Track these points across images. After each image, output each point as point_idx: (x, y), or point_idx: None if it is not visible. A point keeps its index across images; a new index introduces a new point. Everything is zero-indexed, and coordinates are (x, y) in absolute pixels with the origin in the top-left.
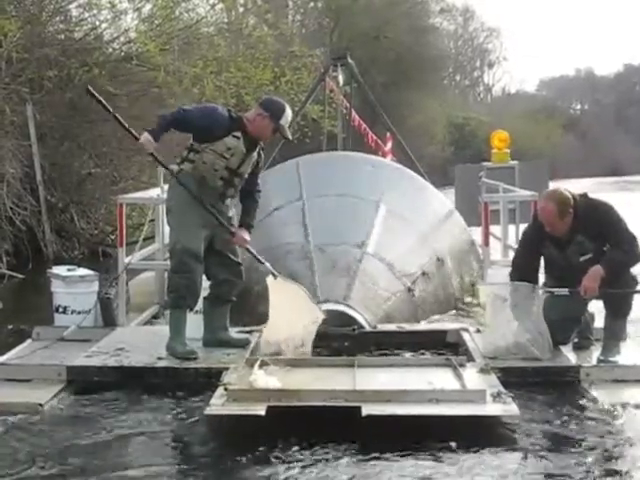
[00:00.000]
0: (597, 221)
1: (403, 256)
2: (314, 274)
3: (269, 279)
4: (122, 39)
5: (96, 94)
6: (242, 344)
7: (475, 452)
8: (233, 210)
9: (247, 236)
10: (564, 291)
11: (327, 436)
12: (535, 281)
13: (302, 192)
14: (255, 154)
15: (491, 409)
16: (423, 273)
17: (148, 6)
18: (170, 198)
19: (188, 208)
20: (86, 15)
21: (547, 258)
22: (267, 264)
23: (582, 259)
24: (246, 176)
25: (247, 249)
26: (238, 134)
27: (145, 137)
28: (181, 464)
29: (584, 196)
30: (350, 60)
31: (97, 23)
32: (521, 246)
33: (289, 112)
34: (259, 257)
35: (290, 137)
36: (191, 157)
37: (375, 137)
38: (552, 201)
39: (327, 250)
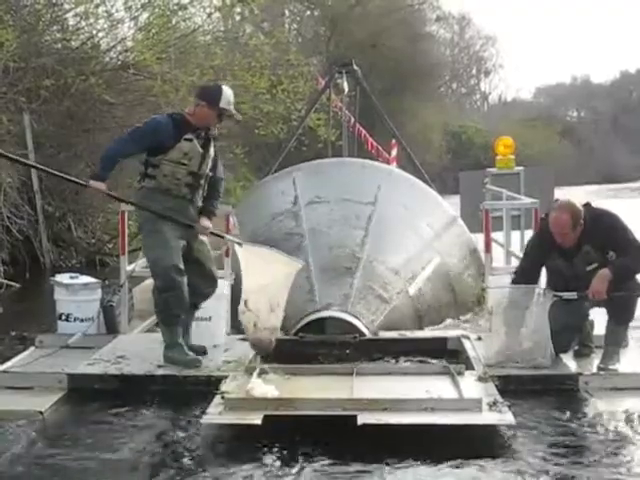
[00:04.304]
0: (603, 230)
1: (405, 263)
2: (312, 279)
3: (237, 247)
4: (119, 48)
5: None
6: (203, 350)
7: (470, 461)
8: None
9: (208, 223)
10: (572, 295)
11: (326, 443)
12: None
13: (298, 198)
14: (212, 149)
15: (487, 418)
16: (426, 280)
17: (145, 15)
18: (140, 216)
19: (160, 225)
20: (83, 24)
21: (552, 269)
22: (228, 236)
23: (588, 269)
24: (209, 173)
25: (212, 233)
26: (190, 136)
27: (92, 183)
28: (179, 472)
29: (587, 205)
30: (356, 67)
31: (94, 32)
32: (526, 255)
33: (227, 92)
34: (221, 234)
35: (239, 117)
36: (150, 172)
37: (375, 143)
38: (566, 212)
39: (326, 255)
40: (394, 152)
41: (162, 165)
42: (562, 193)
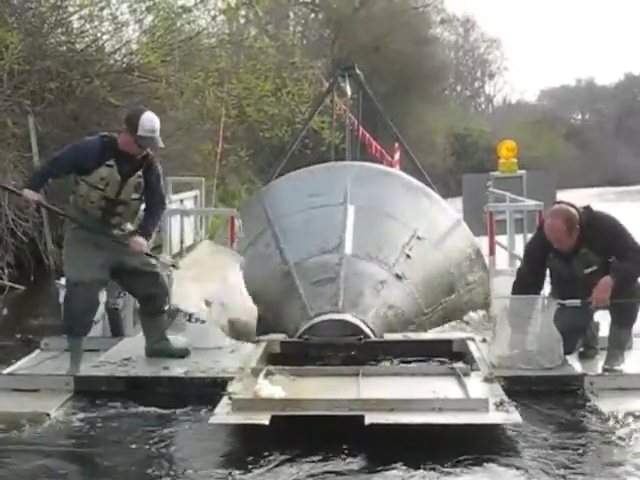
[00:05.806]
0: (602, 234)
1: (382, 246)
2: (299, 290)
3: (174, 271)
4: (123, 51)
5: None
6: (182, 354)
7: (478, 462)
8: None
9: (140, 243)
10: (576, 302)
11: (333, 445)
12: (538, 294)
13: (269, 217)
14: (136, 178)
15: (493, 417)
16: (407, 256)
17: (149, 18)
18: (65, 230)
19: (74, 240)
20: (87, 27)
21: (551, 270)
22: (162, 256)
23: (587, 271)
24: (134, 200)
25: (145, 253)
26: (111, 162)
27: (26, 192)
28: (185, 474)
29: (587, 209)
30: (358, 71)
31: (99, 35)
32: (526, 258)
33: (147, 118)
34: (153, 254)
35: (157, 147)
36: (73, 189)
37: (379, 147)
38: (559, 218)
39: (306, 264)
40: (397, 155)
41: (80, 185)
42: (565, 196)
